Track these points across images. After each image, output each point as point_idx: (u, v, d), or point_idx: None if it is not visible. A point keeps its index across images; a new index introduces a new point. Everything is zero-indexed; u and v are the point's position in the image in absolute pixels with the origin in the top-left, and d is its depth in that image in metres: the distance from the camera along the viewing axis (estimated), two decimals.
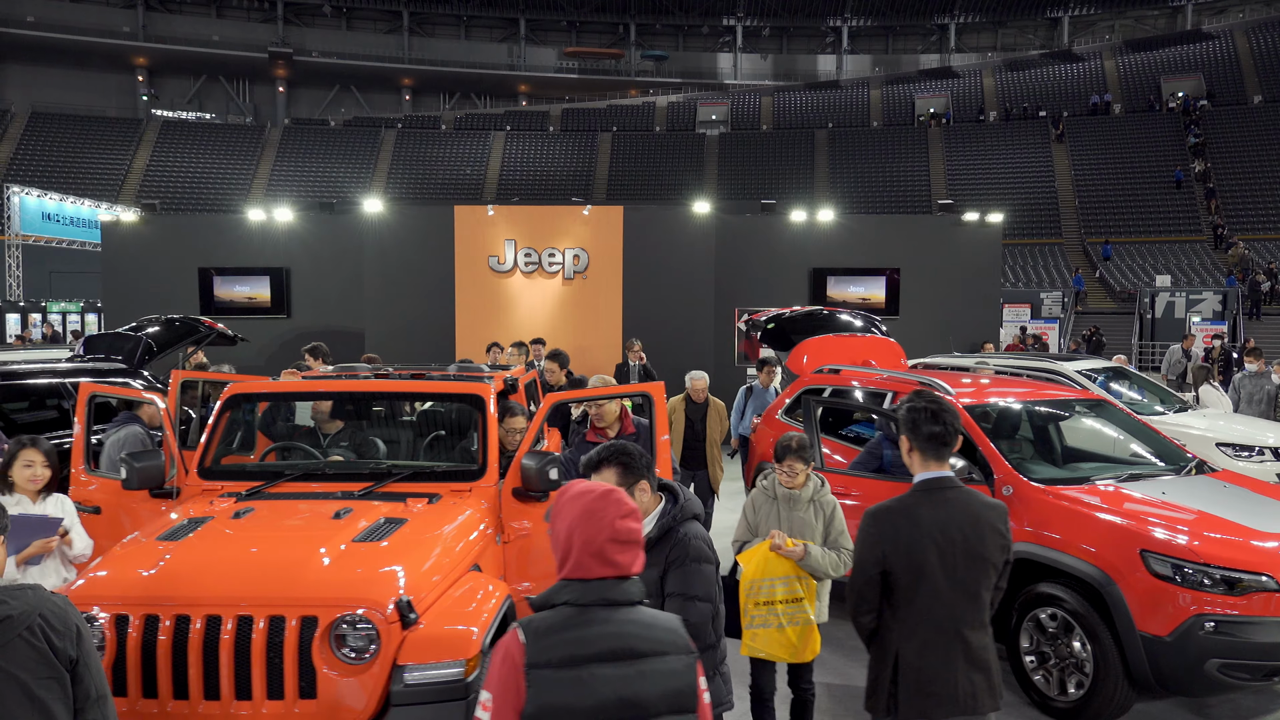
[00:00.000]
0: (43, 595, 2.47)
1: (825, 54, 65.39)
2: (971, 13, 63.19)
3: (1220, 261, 36.34)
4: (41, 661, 2.38)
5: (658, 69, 64.00)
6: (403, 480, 4.97)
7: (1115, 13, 62.48)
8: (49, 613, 2.43)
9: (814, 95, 59.49)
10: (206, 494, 4.95)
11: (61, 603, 2.48)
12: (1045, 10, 62.92)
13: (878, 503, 3.30)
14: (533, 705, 2.18)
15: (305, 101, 61.91)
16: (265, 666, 3.64)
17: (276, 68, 59.32)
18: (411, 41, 61.88)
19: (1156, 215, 42.20)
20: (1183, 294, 30.06)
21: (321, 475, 5.05)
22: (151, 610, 3.69)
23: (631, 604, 2.32)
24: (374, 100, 62.49)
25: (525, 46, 63.43)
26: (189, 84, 60.06)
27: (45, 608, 2.42)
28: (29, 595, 2.43)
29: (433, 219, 14.42)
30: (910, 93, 57.75)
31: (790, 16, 63.94)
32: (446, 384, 5.63)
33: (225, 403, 5.31)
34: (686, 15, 64.04)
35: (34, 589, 2.46)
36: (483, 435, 5.18)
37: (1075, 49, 59.25)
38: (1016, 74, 57.31)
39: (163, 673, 3.64)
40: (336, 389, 5.67)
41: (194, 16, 58.77)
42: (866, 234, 15.38)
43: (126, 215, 15.10)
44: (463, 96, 64.27)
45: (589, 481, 2.45)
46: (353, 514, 4.43)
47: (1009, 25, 64.51)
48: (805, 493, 4.69)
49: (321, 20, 61.52)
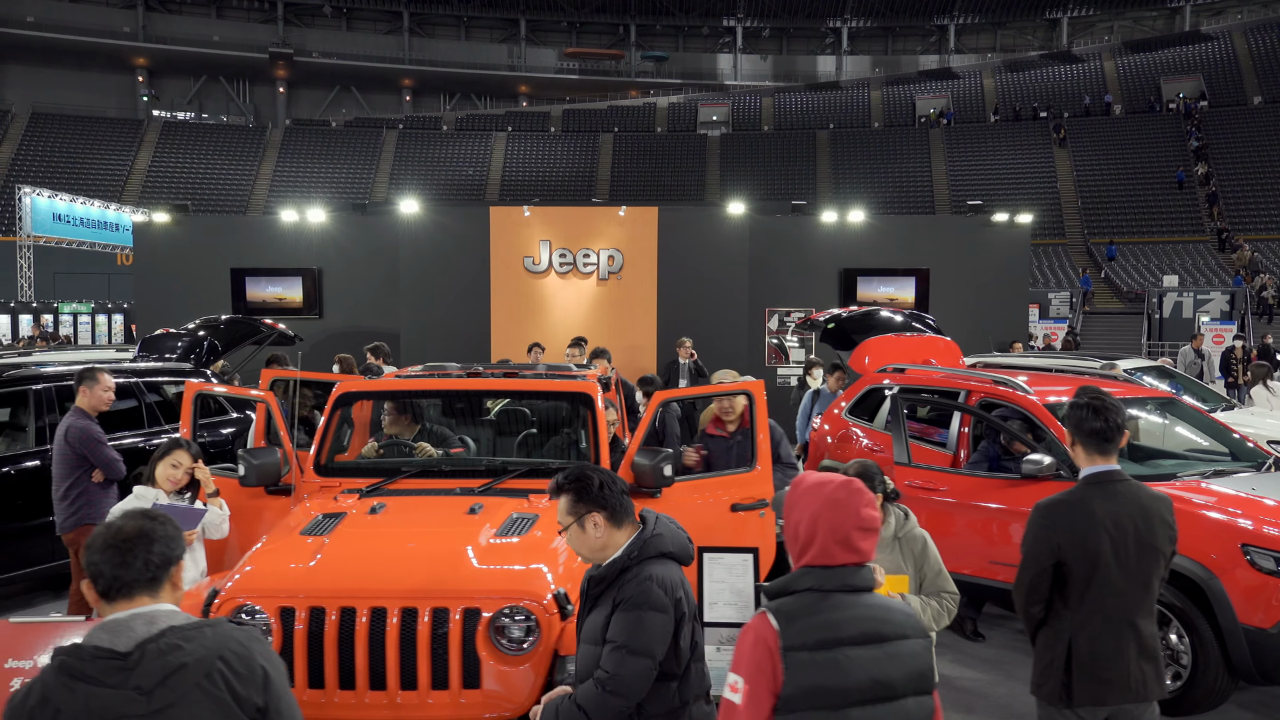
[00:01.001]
0: (224, 634, 2.12)
1: (825, 55, 65.61)
2: (970, 14, 63.47)
3: (1226, 263, 36.58)
4: (223, 714, 2.04)
5: (658, 70, 64.15)
6: (518, 477, 5.05)
7: (1114, 14, 62.85)
8: (231, 655, 2.08)
9: (814, 96, 59.70)
10: (325, 490, 5.03)
11: (244, 640, 2.14)
12: (1044, 11, 63.25)
13: (1046, 497, 3.40)
14: (792, 686, 2.27)
15: (305, 102, 61.87)
16: (430, 657, 3.72)
17: (277, 68, 59.27)
18: (412, 42, 61.90)
19: (1159, 216, 42.49)
20: (1190, 294, 30.25)
21: (438, 472, 5.13)
22: (316, 603, 3.77)
23: (869, 590, 2.42)
24: (374, 101, 62.46)
25: (525, 47, 63.50)
26: (189, 84, 59.97)
27: (226, 649, 2.08)
28: (207, 636, 2.09)
29: (468, 220, 14.48)
30: (911, 94, 58.00)
31: (790, 17, 64.13)
32: (555, 382, 5.71)
33: (336, 401, 5.39)
34: (686, 16, 64.19)
35: (214, 627, 2.13)
36: (592, 432, 5.27)
37: (1075, 50, 59.58)
38: (1016, 75, 57.60)
39: (329, 664, 3.72)
40: (444, 387, 5.75)
41: (194, 17, 58.70)
42: (896, 235, 15.49)
43: (159, 216, 15.11)
44: (463, 97, 64.31)
45: (822, 474, 2.53)
46: (485, 510, 4.51)
47: (1008, 26, 64.82)
48: (885, 531, 3.91)
49: (321, 21, 61.49)
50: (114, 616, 2.08)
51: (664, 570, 2.90)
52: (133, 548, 2.10)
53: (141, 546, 2.10)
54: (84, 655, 2.01)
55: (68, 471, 5.68)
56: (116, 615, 2.08)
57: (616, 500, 2.96)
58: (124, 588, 2.09)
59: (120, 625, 2.05)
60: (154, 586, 2.12)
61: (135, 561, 2.09)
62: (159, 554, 2.12)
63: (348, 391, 5.44)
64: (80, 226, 30.06)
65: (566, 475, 3.00)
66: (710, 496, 5.36)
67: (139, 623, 2.05)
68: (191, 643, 2.04)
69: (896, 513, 4.04)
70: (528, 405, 6.28)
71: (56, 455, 5.72)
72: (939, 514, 6.16)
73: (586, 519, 2.94)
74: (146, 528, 2.14)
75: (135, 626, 2.04)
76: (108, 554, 2.09)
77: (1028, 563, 3.32)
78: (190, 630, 2.07)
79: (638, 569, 2.87)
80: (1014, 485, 5.93)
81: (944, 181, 47.48)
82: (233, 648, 2.09)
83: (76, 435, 5.64)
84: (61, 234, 29.13)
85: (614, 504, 2.95)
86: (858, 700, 2.27)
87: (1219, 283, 33.82)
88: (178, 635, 2.05)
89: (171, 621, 2.08)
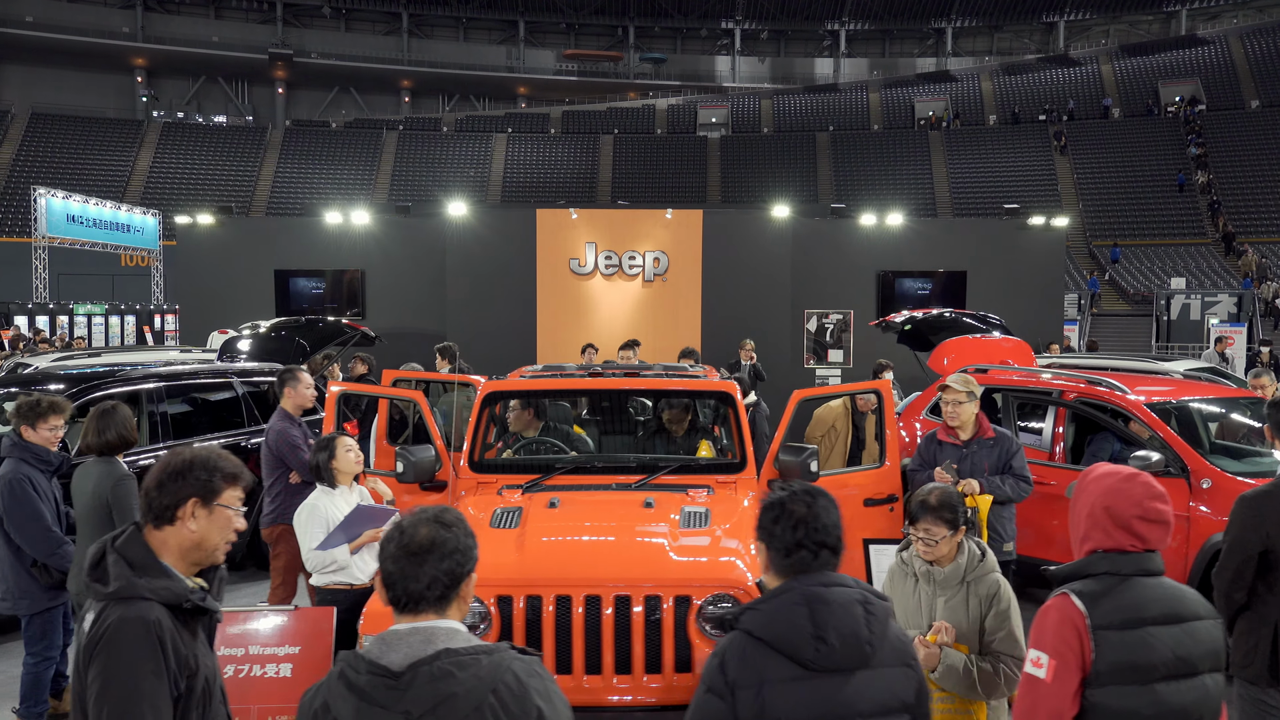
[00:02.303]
0: (500, 665, 1.94)
1: (823, 57, 65.95)
2: (968, 17, 63.92)
3: (1231, 266, 37.05)
4: None
5: (656, 71, 64.36)
6: (671, 473, 5.21)
7: (1110, 17, 63.42)
8: (505, 689, 1.92)
9: (813, 98, 60.00)
10: (482, 486, 5.18)
11: (522, 675, 1.96)
12: (1041, 15, 63.75)
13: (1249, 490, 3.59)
14: (1103, 663, 2.45)
15: (304, 103, 61.79)
16: (644, 642, 3.89)
17: (276, 69, 59.18)
18: (410, 43, 61.91)
19: (1161, 218, 42.94)
20: (1198, 296, 30.63)
21: (591, 469, 5.29)
22: (533, 592, 3.93)
23: (1161, 573, 2.60)
24: (373, 102, 62.43)
25: (524, 49, 63.59)
26: (187, 85, 59.81)
27: (500, 683, 1.92)
28: (482, 666, 1.92)
29: (514, 222, 14.65)
30: (909, 96, 58.37)
31: (788, 20, 64.45)
32: (695, 381, 5.88)
33: (484, 399, 5.54)
34: (685, 18, 64.41)
35: (490, 655, 1.95)
36: (736, 429, 5.44)
37: (1072, 53, 60.12)
38: (1015, 78, 58.04)
39: (547, 649, 3.89)
40: (586, 386, 5.91)
41: (192, 17, 58.54)
42: (933, 236, 15.73)
43: (202, 218, 15.21)
44: (462, 98, 64.34)
45: (1110, 465, 2.72)
46: (658, 504, 4.68)
47: (1005, 29, 65.31)
48: (953, 569, 3.41)
49: (320, 21, 61.43)
50: (394, 629, 2.01)
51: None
52: (423, 561, 2.00)
53: (432, 561, 2.00)
54: (360, 668, 1.94)
55: (269, 471, 5.77)
56: (397, 628, 2.01)
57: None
58: (411, 601, 2.01)
59: (397, 640, 1.97)
60: (442, 604, 2.03)
61: (424, 576, 2.00)
62: (447, 571, 2.01)
63: (495, 390, 5.59)
64: (93, 228, 29.97)
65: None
66: (846, 492, 5.54)
67: (416, 640, 1.97)
68: (465, 671, 1.91)
69: (972, 549, 3.46)
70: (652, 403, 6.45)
71: (262, 454, 5.82)
72: (1048, 507, 6.41)
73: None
74: (439, 538, 2.02)
75: (412, 644, 1.96)
76: (399, 564, 2.01)
77: (1234, 551, 3.52)
78: (465, 657, 1.93)
79: None
80: None
81: (945, 184, 47.84)
82: (508, 681, 1.93)
83: (275, 437, 5.73)
84: (75, 235, 29.04)
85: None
86: (1163, 676, 2.44)
87: (1224, 285, 34.25)
88: (451, 661, 1.92)
89: (449, 643, 1.96)
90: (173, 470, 2.37)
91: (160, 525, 2.35)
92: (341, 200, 46.42)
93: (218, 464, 2.42)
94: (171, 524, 2.34)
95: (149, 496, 2.36)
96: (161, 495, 2.34)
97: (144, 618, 2.17)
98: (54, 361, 10.42)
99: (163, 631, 2.19)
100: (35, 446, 4.95)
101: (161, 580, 2.26)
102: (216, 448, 2.52)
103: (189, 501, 2.35)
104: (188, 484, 2.36)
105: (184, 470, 2.37)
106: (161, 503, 2.34)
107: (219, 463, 2.43)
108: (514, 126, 56.55)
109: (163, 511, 2.34)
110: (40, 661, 5.01)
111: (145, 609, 2.19)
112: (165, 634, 2.19)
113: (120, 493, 4.66)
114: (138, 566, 2.27)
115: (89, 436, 4.76)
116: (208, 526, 2.37)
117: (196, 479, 2.36)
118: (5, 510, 4.83)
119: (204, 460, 2.41)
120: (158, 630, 2.18)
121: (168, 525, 2.34)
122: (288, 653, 4.20)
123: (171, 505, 2.34)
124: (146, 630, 2.16)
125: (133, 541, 2.33)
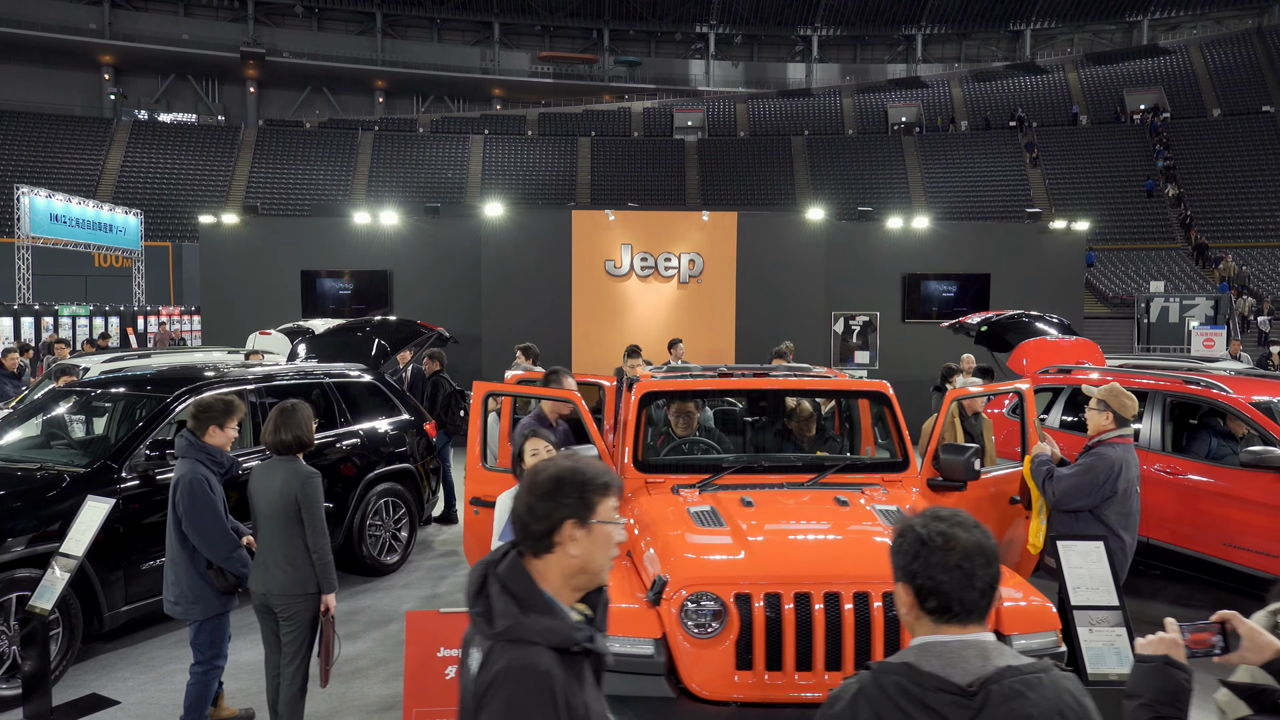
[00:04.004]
0: (1060, 684, 1.85)
1: (795, 62, 66.49)
2: (937, 24, 64.85)
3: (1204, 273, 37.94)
4: None
5: (631, 75, 64.44)
6: (838, 472, 5.27)
7: (1073, 26, 64.70)
8: (1069, 710, 1.82)
9: (787, 103, 60.48)
10: (652, 486, 5.20)
11: (1076, 693, 1.86)
12: (1007, 23, 64.85)
13: None
14: None
15: (276, 102, 60.99)
16: (884, 639, 3.94)
17: (247, 68, 58.38)
18: (384, 43, 61.39)
19: (1132, 224, 43.85)
20: (1177, 299, 31.36)
21: (759, 468, 5.33)
22: (771, 589, 3.97)
23: None
24: (346, 102, 61.82)
25: (499, 50, 63.36)
26: (156, 83, 58.78)
27: (1063, 703, 1.83)
28: (1046, 685, 1.83)
29: (549, 223, 14.63)
30: (882, 101, 59.05)
31: (761, 25, 64.92)
32: (850, 381, 5.95)
33: (641, 399, 5.56)
34: (659, 22, 64.62)
35: (1048, 673, 1.85)
36: (895, 428, 5.51)
37: (1038, 61, 61.24)
38: (984, 85, 58.99)
39: (788, 646, 3.92)
40: (742, 386, 5.95)
41: (161, 14, 57.57)
42: (958, 239, 15.97)
43: (227, 218, 15.01)
44: (436, 99, 63.93)
45: None
46: (852, 503, 4.74)
47: (973, 37, 66.33)
48: None
49: (292, 20, 60.71)
50: (942, 640, 1.88)
51: None
52: (975, 568, 1.88)
53: (980, 567, 1.88)
54: (924, 683, 1.83)
55: None
56: (945, 640, 1.88)
57: None
58: (964, 611, 1.88)
59: (952, 654, 1.85)
60: (985, 615, 1.92)
61: (977, 584, 1.88)
62: (994, 577, 1.91)
63: (652, 390, 5.62)
64: (75, 227, 29.31)
65: None
66: (996, 489, 5.66)
67: (972, 654, 1.85)
68: (1034, 691, 1.81)
69: None
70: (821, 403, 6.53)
71: None
72: (1174, 495, 6.67)
73: None
74: (985, 544, 1.92)
75: (969, 659, 1.84)
76: (951, 573, 1.87)
77: None
78: (1030, 675, 1.83)
79: None
80: (1249, 475, 6.33)
81: (920, 189, 48.45)
82: (1068, 701, 1.83)
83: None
84: (58, 235, 28.40)
85: None
86: None
87: (1199, 288, 35.09)
88: (1019, 679, 1.81)
89: (1005, 660, 1.85)
90: (541, 491, 2.12)
91: (540, 554, 2.12)
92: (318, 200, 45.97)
93: (586, 476, 2.15)
94: (551, 551, 2.12)
95: (522, 523, 2.14)
96: (534, 521, 2.11)
97: (534, 667, 1.98)
98: (105, 363, 10.21)
99: (554, 683, 2.01)
100: (211, 448, 4.89)
101: (547, 619, 2.06)
102: (580, 454, 2.25)
103: (565, 525, 2.10)
104: (560, 506, 2.11)
105: (552, 490, 2.12)
106: (536, 529, 2.12)
107: (587, 474, 2.15)
108: (490, 128, 56.31)
109: (540, 538, 2.11)
110: (209, 670, 4.92)
111: (535, 656, 1.99)
112: (556, 685, 2.01)
113: (309, 490, 4.61)
114: (522, 602, 2.07)
115: (278, 434, 4.70)
116: (589, 548, 2.12)
117: (568, 499, 2.11)
118: (185, 511, 4.75)
119: (571, 475, 2.14)
120: (549, 682, 2.00)
121: (547, 554, 2.12)
122: None
123: (547, 532, 2.11)
124: (537, 682, 1.98)
125: (515, 570, 2.11)
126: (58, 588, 5.36)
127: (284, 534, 4.60)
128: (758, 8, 63.33)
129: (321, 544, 4.61)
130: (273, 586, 4.58)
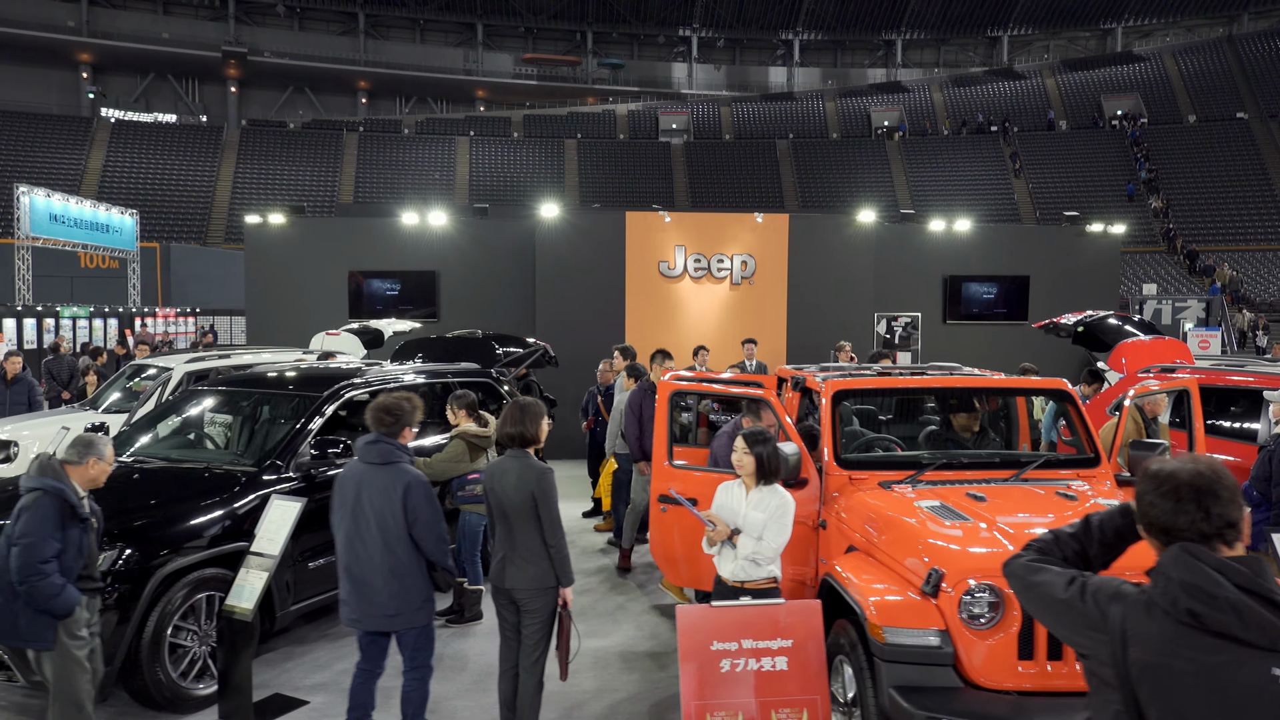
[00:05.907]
0: None
1: (777, 66, 66.99)
2: (916, 29, 65.61)
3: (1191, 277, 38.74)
4: None
5: (614, 77, 64.55)
6: (1037, 468, 5.39)
7: (1049, 33, 65.78)
8: None
9: (770, 106, 60.89)
10: (857, 482, 5.29)
11: None
12: (985, 29, 65.80)
13: None
14: None
15: (257, 102, 60.37)
16: None
17: (229, 67, 57.72)
18: (367, 44, 60.99)
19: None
20: (1169, 301, 32.03)
21: (959, 464, 5.43)
22: None
23: None
24: (328, 103, 61.34)
25: (482, 51, 63.19)
26: (135, 82, 57.95)
27: None
28: None
29: (604, 224, 14.67)
30: (865, 106, 59.65)
31: (743, 28, 65.34)
32: (1033, 380, 6.07)
33: (833, 398, 5.65)
34: (642, 24, 64.81)
35: None
36: (1082, 425, 5.65)
37: (1016, 67, 62.20)
38: (964, 90, 59.81)
39: (1039, 637, 4.02)
40: (930, 385, 6.06)
41: (140, 13, 56.78)
42: (997, 242, 16.22)
43: (274, 218, 14.89)
44: (419, 100, 63.62)
45: None
46: (1077, 497, 4.86)
47: (951, 42, 67.20)
48: None
49: (274, 20, 60.13)
50: None
51: None
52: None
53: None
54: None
55: None
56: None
57: None
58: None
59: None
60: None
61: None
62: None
63: (844, 389, 5.71)
64: (74, 228, 28.86)
65: None
66: None
67: None
68: None
69: None
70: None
71: None
72: None
73: None
74: None
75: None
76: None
77: None
78: None
79: None
80: None
81: (906, 191, 49.00)
82: None
83: None
84: (57, 235, 27.94)
85: None
86: None
87: (1187, 290, 35.85)
88: None
89: None
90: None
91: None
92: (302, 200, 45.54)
93: None
94: None
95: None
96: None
97: None
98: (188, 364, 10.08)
99: None
100: (410, 449, 4.88)
101: None
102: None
103: None
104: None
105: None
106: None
107: None
108: (475, 130, 56.14)
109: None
110: (427, 672, 4.88)
111: None
112: None
113: (545, 486, 4.62)
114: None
115: (516, 427, 4.71)
116: None
117: None
118: (421, 516, 4.68)
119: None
120: None
121: None
122: (781, 646, 4.27)
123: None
124: None
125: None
126: (258, 588, 5.32)
127: (522, 529, 4.62)
128: (740, 11, 63.74)
129: (558, 537, 4.63)
130: (520, 582, 4.59)
